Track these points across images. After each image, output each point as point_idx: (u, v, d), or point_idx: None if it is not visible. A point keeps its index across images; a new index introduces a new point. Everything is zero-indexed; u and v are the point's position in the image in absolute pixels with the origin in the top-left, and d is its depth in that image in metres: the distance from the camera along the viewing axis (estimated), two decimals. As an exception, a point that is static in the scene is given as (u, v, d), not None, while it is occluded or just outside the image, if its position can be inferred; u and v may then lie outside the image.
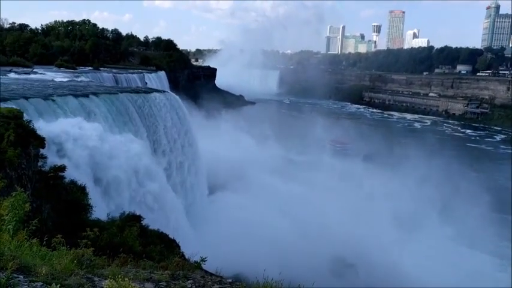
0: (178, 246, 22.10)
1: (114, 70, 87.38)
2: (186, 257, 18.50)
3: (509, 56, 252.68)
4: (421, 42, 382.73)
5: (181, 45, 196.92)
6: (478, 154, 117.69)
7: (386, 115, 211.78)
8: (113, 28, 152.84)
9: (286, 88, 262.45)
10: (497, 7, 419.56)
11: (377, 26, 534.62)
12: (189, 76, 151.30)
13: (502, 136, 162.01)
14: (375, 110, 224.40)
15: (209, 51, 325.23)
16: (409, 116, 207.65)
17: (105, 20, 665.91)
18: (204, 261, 15.25)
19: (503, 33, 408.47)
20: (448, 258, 49.49)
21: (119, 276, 7.30)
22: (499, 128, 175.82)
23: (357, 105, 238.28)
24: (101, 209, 21.88)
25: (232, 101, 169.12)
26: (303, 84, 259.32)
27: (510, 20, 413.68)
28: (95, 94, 34.64)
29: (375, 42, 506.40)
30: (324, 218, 49.34)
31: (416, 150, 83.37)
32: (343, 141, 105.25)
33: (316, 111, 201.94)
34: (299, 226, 44.23)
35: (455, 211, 57.58)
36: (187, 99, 68.66)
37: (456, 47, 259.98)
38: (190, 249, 18.66)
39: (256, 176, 59.95)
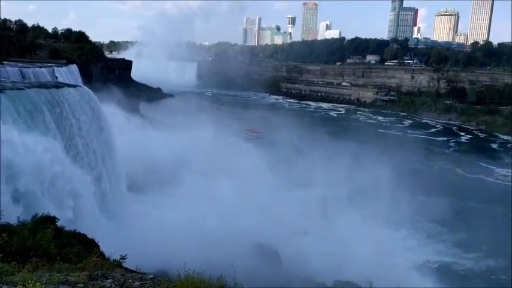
0: (98, 246, 21.37)
1: (19, 64, 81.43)
2: (106, 256, 18.00)
3: (413, 46, 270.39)
4: (333, 34, 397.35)
5: (93, 38, 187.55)
6: (389, 139, 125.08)
7: (304, 105, 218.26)
8: (17, 19, 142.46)
9: (206, 80, 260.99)
10: (401, 0, 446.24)
11: (292, 18, 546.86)
12: (103, 69, 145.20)
13: (409, 121, 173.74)
14: (292, 100, 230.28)
15: (124, 43, 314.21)
16: (324, 105, 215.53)
17: (4, 9, 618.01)
18: (124, 259, 14.93)
19: (406, 25, 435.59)
20: (366, 234, 52.57)
21: (30, 281, 6.99)
22: (405, 114, 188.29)
23: (275, 96, 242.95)
24: (10, 213, 20.57)
25: (149, 94, 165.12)
26: (223, 76, 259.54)
27: (412, 13, 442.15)
28: (-1, 90, 32.16)
29: (290, 33, 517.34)
30: (247, 207, 50.05)
31: (334, 138, 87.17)
32: (257, 130, 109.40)
33: (238, 102, 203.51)
34: (223, 217, 44.52)
35: (372, 194, 60.97)
36: (101, 93, 65.93)
37: (366, 38, 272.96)
38: (111, 248, 18.20)
39: (179, 171, 59.29)
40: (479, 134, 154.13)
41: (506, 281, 52.67)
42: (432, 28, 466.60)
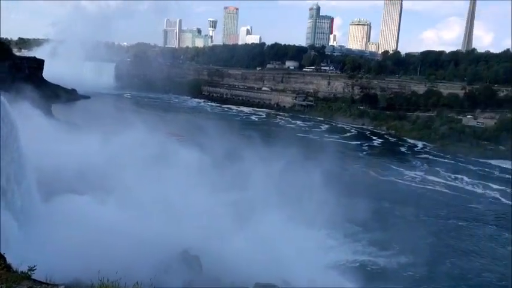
0: (4, 258, 19.64)
1: None
2: (14, 268, 16.56)
3: (329, 53, 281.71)
4: (254, 39, 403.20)
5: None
6: (308, 143, 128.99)
7: (226, 108, 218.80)
8: None
9: (125, 82, 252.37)
10: (318, 9, 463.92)
11: (213, 21, 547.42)
12: (11, 68, 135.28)
13: (326, 126, 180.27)
14: (214, 104, 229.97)
15: (35, 40, 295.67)
16: (245, 109, 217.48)
17: None
18: (33, 271, 13.86)
19: (323, 33, 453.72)
20: (288, 236, 53.57)
21: None
22: (322, 119, 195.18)
23: (197, 99, 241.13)
24: None
25: (63, 95, 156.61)
26: (142, 78, 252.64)
27: (329, 22, 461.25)
28: None
29: (212, 37, 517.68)
30: (170, 212, 48.93)
31: (256, 141, 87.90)
32: (179, 133, 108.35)
33: (159, 105, 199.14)
34: (143, 222, 43.10)
35: (294, 196, 62.18)
36: (9, 94, 61.09)
37: (285, 44, 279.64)
38: (20, 260, 16.80)
39: (100, 175, 56.34)
40: (390, 138, 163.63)
41: (415, 277, 56.23)
42: (347, 36, 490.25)
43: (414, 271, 57.65)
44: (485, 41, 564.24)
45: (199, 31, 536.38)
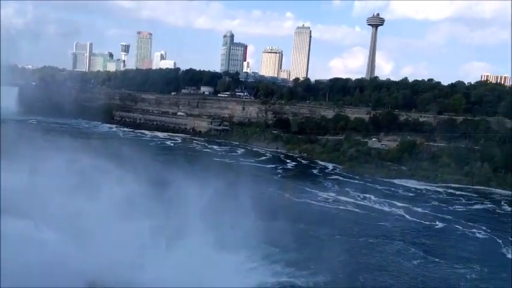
0: None
1: None
2: None
3: (243, 80, 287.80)
4: (168, 64, 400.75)
5: None
6: (224, 167, 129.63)
7: (139, 134, 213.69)
8: None
9: (29, 106, 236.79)
10: (232, 36, 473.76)
11: (125, 45, 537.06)
12: None
13: (242, 150, 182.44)
14: (127, 129, 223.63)
15: None
16: (160, 134, 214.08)
17: None
18: None
19: (237, 60, 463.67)
20: (204, 262, 53.04)
21: None
22: (238, 143, 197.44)
23: (109, 125, 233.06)
24: None
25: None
26: (49, 103, 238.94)
27: (242, 49, 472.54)
28: None
29: (124, 61, 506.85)
30: (78, 242, 46.65)
31: (172, 167, 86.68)
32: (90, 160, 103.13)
33: (67, 131, 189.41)
34: (54, 253, 40.69)
35: (213, 221, 61.82)
36: None
37: (200, 70, 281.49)
38: None
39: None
40: (303, 160, 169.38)
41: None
42: (260, 63, 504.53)
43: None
44: (386, 70, 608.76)
45: (111, 55, 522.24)
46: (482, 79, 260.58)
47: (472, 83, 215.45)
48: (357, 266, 69.70)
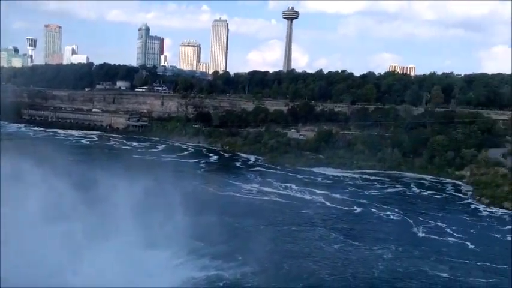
0: None
1: None
2: None
3: (161, 74, 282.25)
4: (80, 59, 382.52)
5: None
6: (145, 164, 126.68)
7: (52, 133, 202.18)
8: None
9: None
10: (147, 29, 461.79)
11: (32, 39, 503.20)
12: None
13: (163, 146, 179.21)
14: (37, 128, 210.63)
15: None
16: (75, 132, 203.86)
17: None
18: None
19: (154, 53, 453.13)
20: (131, 260, 51.89)
21: None
22: (158, 139, 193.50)
23: (17, 124, 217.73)
24: None
25: None
26: None
27: (159, 42, 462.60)
28: None
29: (31, 56, 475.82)
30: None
31: (89, 166, 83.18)
32: None
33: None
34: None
35: (136, 219, 60.39)
36: None
37: (115, 64, 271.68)
38: None
39: None
40: (225, 154, 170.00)
41: (260, 284, 59.24)
42: (178, 57, 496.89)
43: (258, 279, 60.74)
44: (302, 62, 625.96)
45: (16, 50, 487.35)
46: (391, 70, 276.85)
47: (382, 73, 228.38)
48: (282, 254, 71.56)
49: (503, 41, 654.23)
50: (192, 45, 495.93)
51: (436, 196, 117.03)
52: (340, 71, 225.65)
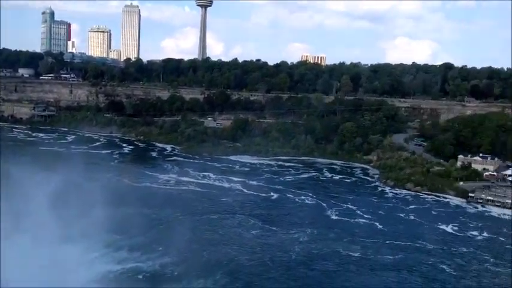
0: None
1: None
2: None
3: (69, 60, 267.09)
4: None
5: None
6: (54, 156, 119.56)
7: None
8: None
9: None
10: (52, 13, 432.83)
11: None
12: None
13: (73, 136, 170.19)
14: None
15: None
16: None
17: None
18: None
19: (60, 39, 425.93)
20: (44, 256, 49.32)
21: None
22: (67, 129, 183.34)
23: None
24: None
25: None
26: None
27: (66, 27, 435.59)
28: None
29: None
30: None
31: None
32: None
33: None
34: None
35: (45, 215, 57.10)
36: None
37: (16, 50, 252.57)
38: None
39: None
40: (140, 144, 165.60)
41: (180, 274, 58.87)
42: (87, 43, 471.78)
43: (178, 269, 60.36)
44: (217, 50, 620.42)
45: None
46: (303, 59, 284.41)
47: (294, 63, 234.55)
48: (202, 242, 71.76)
49: (404, 33, 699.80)
50: (101, 31, 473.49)
51: (346, 180, 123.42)
52: (255, 60, 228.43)
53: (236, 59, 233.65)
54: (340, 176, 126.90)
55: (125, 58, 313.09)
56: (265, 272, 63.15)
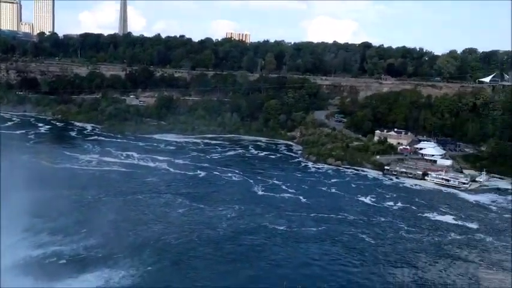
0: None
1: None
2: None
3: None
4: None
5: None
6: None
7: None
8: None
9: None
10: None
11: None
12: None
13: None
14: None
15: None
16: None
17: None
18: None
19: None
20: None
21: None
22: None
23: None
24: None
25: None
26: None
27: None
28: None
29: None
30: None
31: None
32: None
33: None
34: None
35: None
36: None
37: None
38: None
39: None
40: (57, 123, 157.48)
41: (105, 256, 57.46)
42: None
43: (102, 250, 58.93)
44: (139, 26, 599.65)
45: None
46: (228, 36, 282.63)
47: (219, 39, 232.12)
48: (127, 223, 70.40)
49: (325, 13, 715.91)
50: (10, 2, 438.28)
51: (271, 156, 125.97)
52: (178, 36, 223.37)
53: (159, 34, 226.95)
54: (266, 153, 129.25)
55: (38, 32, 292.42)
56: (193, 249, 63.48)
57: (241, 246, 65.83)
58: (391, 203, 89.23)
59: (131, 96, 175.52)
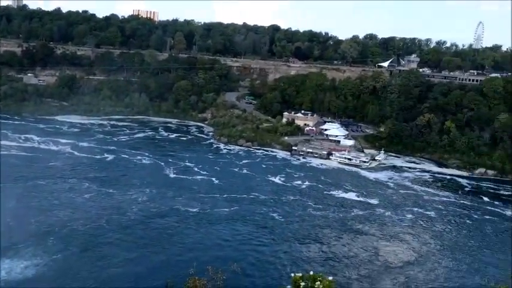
0: None
1: None
2: None
3: None
4: None
5: None
6: None
7: None
8: None
9: None
10: None
11: None
12: None
13: None
14: None
15: None
16: None
17: None
18: None
19: None
20: None
21: None
22: None
23: None
24: None
25: None
26: None
27: None
28: None
29: None
30: None
31: None
32: None
33: None
34: None
35: None
36: None
37: None
38: None
39: None
40: None
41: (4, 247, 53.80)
42: None
43: (1, 240, 55.00)
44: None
45: None
46: (134, 13, 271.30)
47: (126, 16, 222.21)
48: (29, 210, 66.74)
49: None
50: None
51: (182, 138, 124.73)
52: (81, 11, 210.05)
53: (59, 8, 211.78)
54: (176, 135, 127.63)
55: None
56: (102, 235, 61.68)
57: (152, 230, 65.07)
58: (299, 182, 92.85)
59: (29, 74, 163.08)
